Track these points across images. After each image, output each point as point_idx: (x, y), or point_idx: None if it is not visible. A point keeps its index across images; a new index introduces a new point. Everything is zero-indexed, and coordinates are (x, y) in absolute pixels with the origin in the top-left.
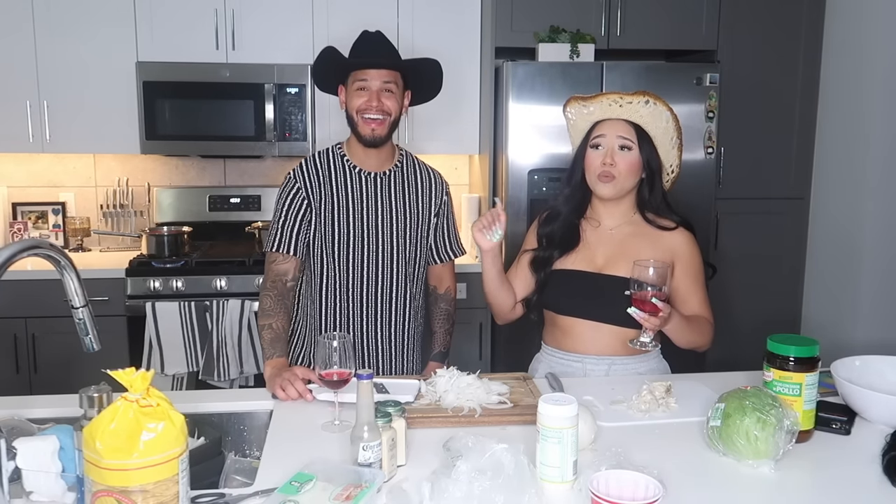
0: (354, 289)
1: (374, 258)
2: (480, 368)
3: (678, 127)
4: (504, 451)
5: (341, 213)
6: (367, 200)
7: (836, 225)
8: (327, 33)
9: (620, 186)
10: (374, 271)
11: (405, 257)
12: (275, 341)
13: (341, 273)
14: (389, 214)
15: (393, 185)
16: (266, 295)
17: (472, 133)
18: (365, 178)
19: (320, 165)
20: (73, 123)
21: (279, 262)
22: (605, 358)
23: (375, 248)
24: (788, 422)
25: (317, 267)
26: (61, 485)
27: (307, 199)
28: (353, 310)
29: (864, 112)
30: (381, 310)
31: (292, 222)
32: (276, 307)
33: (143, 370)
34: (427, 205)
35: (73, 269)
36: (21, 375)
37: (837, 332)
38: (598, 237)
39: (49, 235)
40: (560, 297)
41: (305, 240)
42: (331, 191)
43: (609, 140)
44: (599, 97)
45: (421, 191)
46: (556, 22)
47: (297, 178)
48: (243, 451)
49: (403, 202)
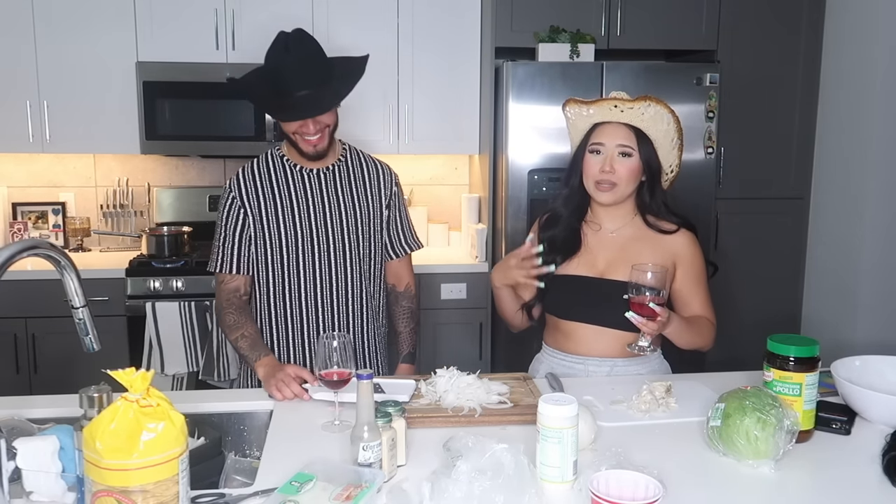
0: (308, 293)
1: (325, 259)
2: (480, 368)
3: (679, 128)
4: (504, 451)
5: (286, 215)
6: (313, 198)
7: (836, 225)
8: (327, 33)
9: (620, 194)
10: (328, 273)
11: (359, 255)
12: (254, 345)
13: (292, 278)
14: (338, 211)
15: (338, 179)
16: (226, 313)
17: (472, 133)
18: (308, 176)
19: (258, 170)
20: (73, 123)
21: (228, 281)
22: (608, 360)
23: (327, 247)
24: (788, 422)
25: (264, 276)
26: (61, 485)
27: (244, 209)
28: (308, 316)
29: (864, 112)
30: (338, 313)
31: (232, 240)
32: (240, 318)
33: (143, 370)
34: (377, 197)
35: (73, 269)
36: (21, 375)
37: (837, 332)
38: (599, 241)
39: (49, 235)
40: (562, 302)
41: (249, 254)
42: (272, 194)
43: (609, 147)
44: (600, 102)
45: (368, 183)
46: (556, 22)
47: (231, 188)
48: (243, 451)
49: (351, 197)
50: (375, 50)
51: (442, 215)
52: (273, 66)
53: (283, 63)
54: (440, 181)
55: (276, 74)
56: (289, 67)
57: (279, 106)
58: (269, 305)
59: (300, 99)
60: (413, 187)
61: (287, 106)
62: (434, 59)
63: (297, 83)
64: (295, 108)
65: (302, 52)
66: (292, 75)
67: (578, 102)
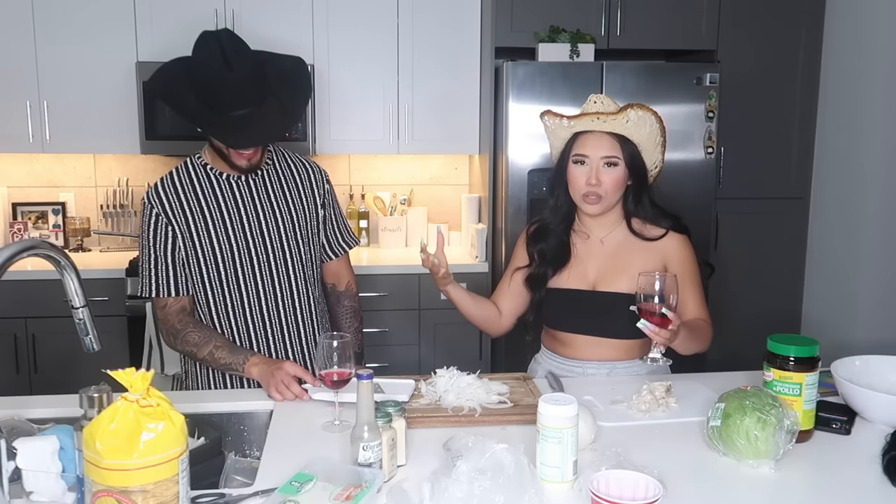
0: (253, 306)
1: (266, 268)
2: (480, 368)
3: (662, 127)
4: (504, 451)
5: (218, 228)
6: (244, 206)
7: (836, 225)
8: (327, 33)
9: (608, 204)
10: (270, 282)
11: (300, 259)
12: (234, 350)
13: (234, 293)
14: (273, 216)
15: (269, 184)
16: (187, 332)
17: (472, 133)
18: (235, 184)
19: (180, 182)
20: (73, 123)
21: (171, 304)
22: (606, 363)
23: (266, 256)
24: (788, 422)
25: (203, 294)
26: (61, 485)
27: (170, 225)
28: (256, 330)
29: (864, 112)
30: (287, 322)
31: (165, 261)
32: (204, 333)
33: (143, 370)
34: (310, 197)
35: (73, 269)
36: (21, 375)
37: (837, 332)
38: (588, 250)
39: (49, 235)
40: (557, 316)
41: (185, 273)
42: (199, 206)
43: (593, 159)
44: (581, 116)
45: (300, 184)
46: (556, 22)
47: (153, 203)
48: (243, 451)
49: (284, 200)
50: (375, 50)
51: (442, 215)
52: (211, 80)
53: (224, 80)
54: (440, 181)
55: (216, 91)
56: (232, 85)
57: (222, 128)
58: (214, 323)
59: (245, 119)
60: (413, 187)
61: (231, 128)
62: (434, 58)
63: (240, 102)
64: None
65: (244, 65)
66: (236, 95)
67: (555, 114)
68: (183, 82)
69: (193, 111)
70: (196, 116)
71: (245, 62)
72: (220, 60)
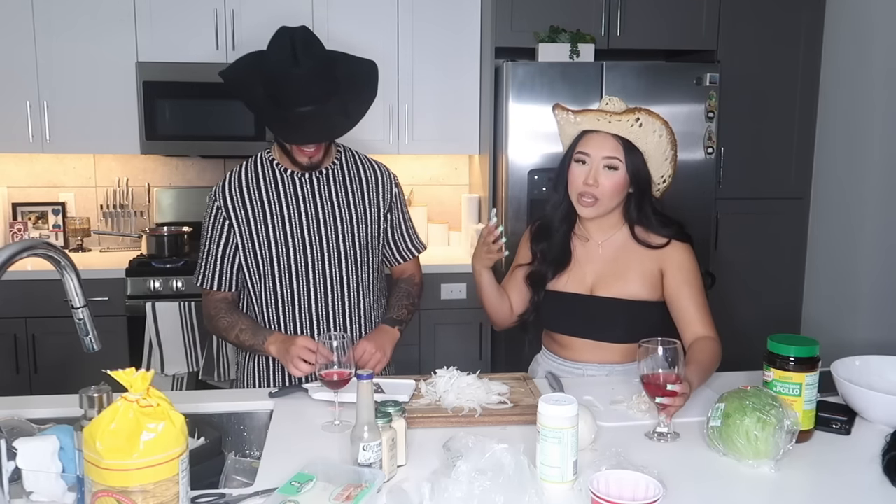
0: (301, 304)
1: (319, 267)
2: (480, 368)
3: (673, 139)
4: (504, 451)
5: (276, 224)
6: (305, 205)
7: (836, 225)
8: (327, 33)
9: (603, 207)
10: (322, 281)
11: (355, 262)
12: (256, 332)
13: (285, 291)
14: (332, 216)
15: (332, 183)
16: (218, 318)
17: (472, 133)
18: (299, 181)
19: (245, 175)
20: (73, 123)
21: (214, 294)
22: (605, 366)
23: (320, 255)
24: (788, 422)
25: (255, 289)
26: (61, 485)
27: (229, 221)
28: (303, 328)
29: (864, 112)
30: (335, 324)
31: (216, 255)
32: (233, 317)
33: (143, 370)
34: (375, 202)
35: (73, 269)
36: (21, 376)
37: (837, 332)
38: (587, 254)
39: (49, 236)
40: (555, 318)
41: (233, 270)
42: (261, 201)
43: (595, 159)
44: (587, 112)
45: (366, 186)
46: (556, 22)
47: (216, 196)
48: (243, 451)
49: (346, 202)
50: (376, 49)
51: (442, 215)
52: (277, 75)
53: (290, 75)
54: (440, 181)
55: (280, 86)
56: (296, 81)
57: (282, 123)
58: (263, 317)
59: (305, 117)
60: (413, 187)
61: (291, 124)
62: (434, 58)
63: (304, 98)
64: (300, 129)
65: (311, 62)
66: (299, 91)
67: (566, 110)
68: (254, 74)
69: (259, 105)
70: (261, 110)
71: (312, 59)
72: (288, 55)
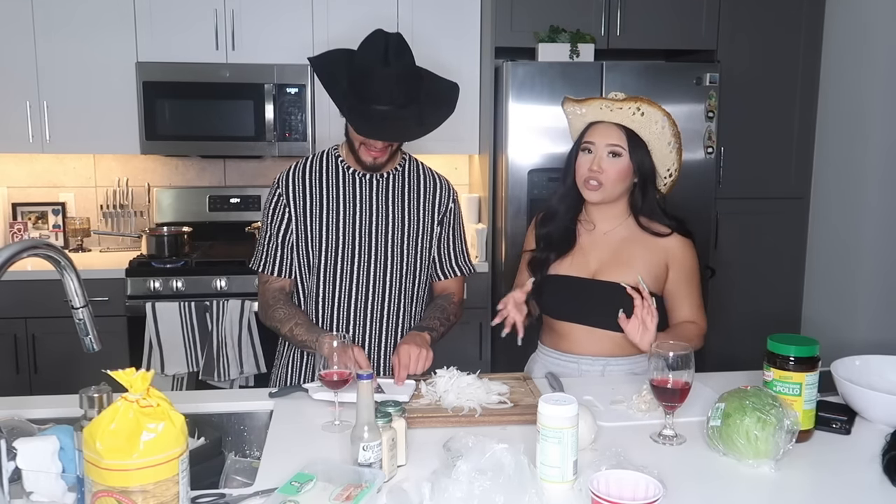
0: (342, 303)
1: (364, 268)
2: (480, 368)
3: (676, 131)
4: (504, 451)
5: (330, 217)
6: (361, 203)
7: (836, 225)
8: (327, 33)
9: (608, 193)
10: (365, 283)
11: (401, 271)
12: (311, 329)
13: (328, 285)
14: (385, 220)
15: (391, 188)
16: (275, 308)
17: (472, 133)
18: (359, 180)
19: (310, 168)
20: (73, 123)
21: (272, 281)
22: (601, 359)
23: (367, 256)
24: (788, 421)
25: (302, 278)
26: (61, 485)
27: (288, 209)
28: (340, 327)
29: (864, 112)
30: (371, 328)
31: (276, 241)
32: (290, 310)
33: (143, 370)
34: (429, 211)
35: (73, 269)
36: (21, 375)
37: (837, 332)
38: (592, 241)
39: (49, 236)
40: (554, 302)
41: (291, 257)
42: (320, 195)
43: (599, 147)
44: (591, 100)
45: (423, 196)
46: (555, 22)
47: (279, 183)
48: (243, 451)
49: (402, 207)
50: None
51: None
52: (366, 70)
53: (377, 73)
54: None
55: (366, 80)
56: (383, 80)
57: (360, 113)
58: (304, 307)
59: (383, 115)
60: None
61: (368, 117)
62: (434, 58)
63: (385, 97)
64: (376, 124)
65: (400, 66)
66: (383, 89)
67: (572, 101)
68: (342, 66)
69: (340, 95)
70: (341, 100)
71: (401, 64)
72: (380, 54)
